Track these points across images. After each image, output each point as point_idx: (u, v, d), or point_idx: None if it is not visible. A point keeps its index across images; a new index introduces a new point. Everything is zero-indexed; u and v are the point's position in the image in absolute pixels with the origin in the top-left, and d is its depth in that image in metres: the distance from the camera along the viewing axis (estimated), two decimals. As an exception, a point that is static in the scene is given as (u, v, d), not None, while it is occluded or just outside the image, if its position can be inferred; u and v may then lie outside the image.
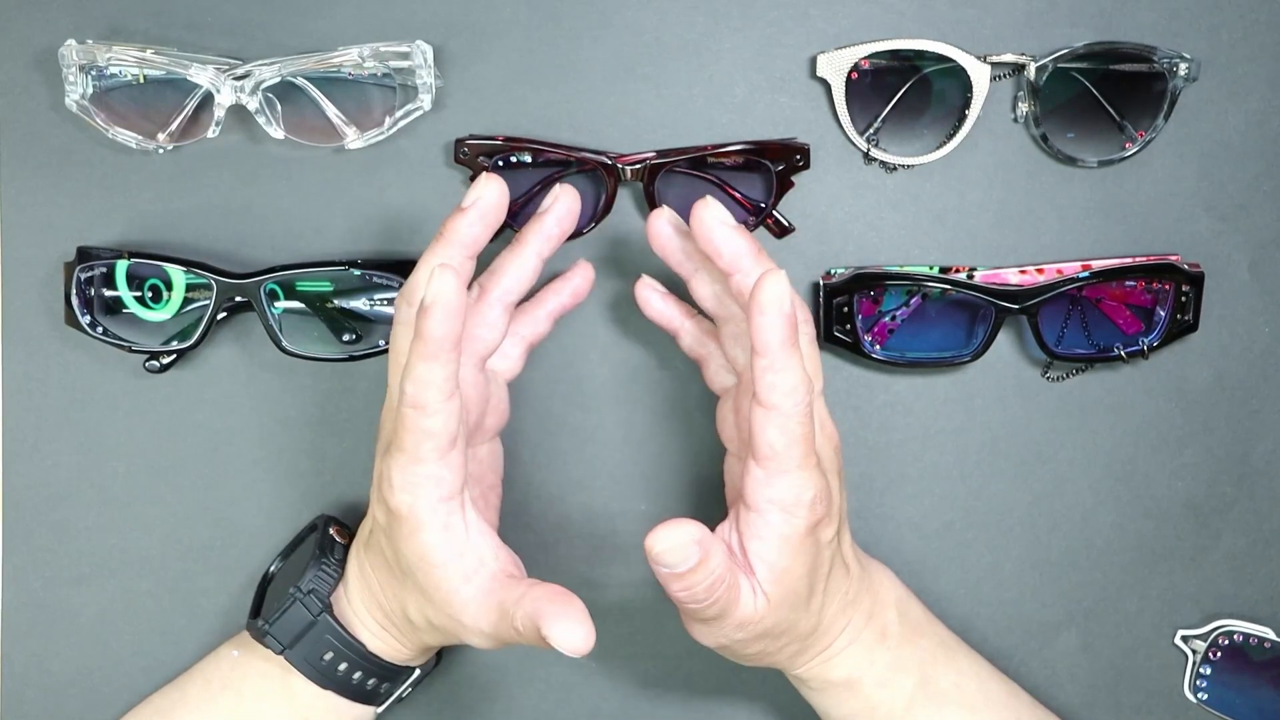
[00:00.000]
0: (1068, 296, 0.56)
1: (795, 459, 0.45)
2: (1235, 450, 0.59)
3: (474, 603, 0.47)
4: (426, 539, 0.46)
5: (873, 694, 0.51)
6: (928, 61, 0.55)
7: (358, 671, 0.52)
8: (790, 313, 0.44)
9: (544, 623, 0.44)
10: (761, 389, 0.44)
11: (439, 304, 0.43)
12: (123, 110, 0.56)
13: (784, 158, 0.55)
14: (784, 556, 0.46)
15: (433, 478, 0.46)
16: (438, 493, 0.46)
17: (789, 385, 0.44)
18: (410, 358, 0.44)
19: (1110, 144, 0.56)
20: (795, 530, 0.46)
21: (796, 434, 0.45)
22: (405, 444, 0.45)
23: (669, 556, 0.44)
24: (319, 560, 0.52)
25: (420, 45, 0.55)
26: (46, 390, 0.59)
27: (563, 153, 0.55)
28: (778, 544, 0.46)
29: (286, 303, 0.56)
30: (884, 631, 0.52)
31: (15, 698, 0.60)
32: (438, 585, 0.47)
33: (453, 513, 0.47)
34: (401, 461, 0.46)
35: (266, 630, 0.51)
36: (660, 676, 0.60)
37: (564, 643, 0.44)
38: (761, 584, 0.46)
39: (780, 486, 0.45)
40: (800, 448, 0.45)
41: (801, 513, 0.46)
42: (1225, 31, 0.57)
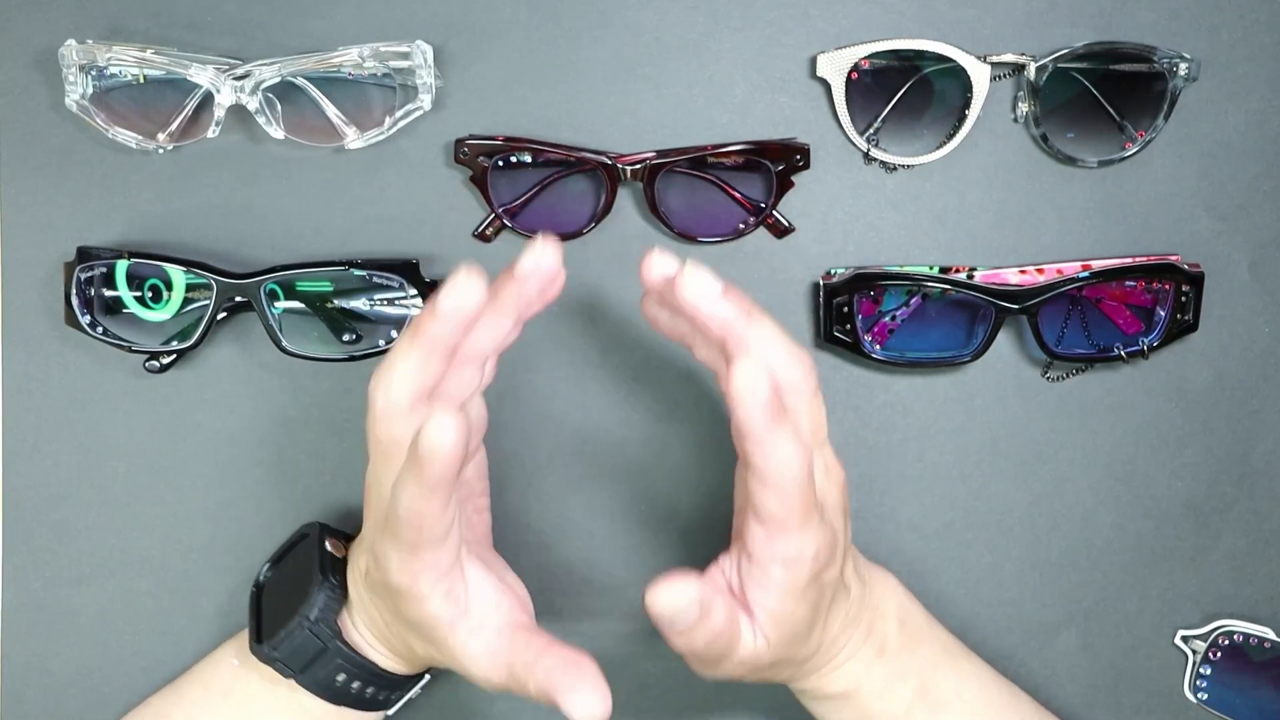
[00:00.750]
0: (1068, 296, 0.56)
1: (795, 522, 0.44)
2: (1235, 450, 0.59)
3: (482, 657, 0.47)
4: (430, 610, 0.46)
5: (870, 704, 0.51)
6: (928, 61, 0.55)
7: (370, 687, 0.52)
8: (768, 398, 0.42)
9: (559, 697, 0.44)
10: (754, 472, 0.44)
11: (438, 457, 0.41)
12: (123, 110, 0.56)
13: (784, 158, 0.55)
14: (786, 605, 0.46)
15: (430, 563, 0.45)
16: (436, 572, 0.45)
17: (780, 460, 0.43)
18: (407, 487, 0.42)
19: (1110, 144, 0.56)
20: (798, 582, 0.45)
21: (794, 501, 0.44)
22: (402, 539, 0.44)
23: (669, 616, 0.43)
24: (323, 585, 0.51)
25: (420, 45, 0.55)
26: (46, 390, 0.59)
27: (563, 153, 0.55)
28: (780, 595, 0.46)
29: (286, 303, 0.56)
30: (883, 645, 0.52)
31: (15, 698, 0.59)
32: (443, 641, 0.47)
33: (455, 581, 0.46)
34: (399, 551, 0.45)
35: (275, 657, 0.50)
36: (660, 677, 0.60)
37: (580, 714, 0.44)
38: (762, 627, 0.46)
39: (782, 545, 0.45)
40: (799, 513, 0.44)
41: (805, 567, 0.45)
42: (1225, 31, 0.57)
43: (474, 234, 0.57)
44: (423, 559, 0.45)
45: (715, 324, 0.44)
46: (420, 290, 0.56)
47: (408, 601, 0.46)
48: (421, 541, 0.44)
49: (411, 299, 0.56)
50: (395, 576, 0.45)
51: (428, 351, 0.45)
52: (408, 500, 0.43)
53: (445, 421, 0.40)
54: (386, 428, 0.46)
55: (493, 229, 0.57)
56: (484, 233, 0.57)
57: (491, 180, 0.56)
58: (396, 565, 0.45)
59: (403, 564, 0.45)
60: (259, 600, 0.54)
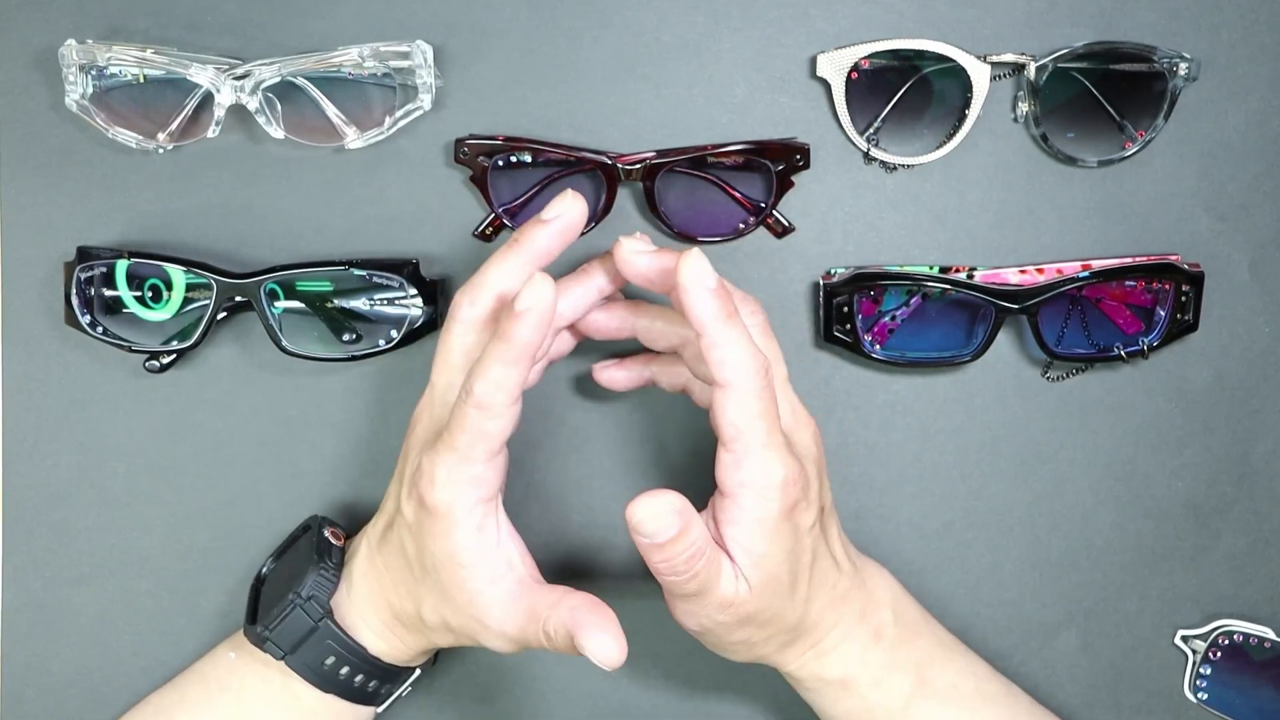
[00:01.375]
0: (1068, 296, 0.56)
1: (759, 436, 0.45)
2: (1235, 450, 0.59)
3: (499, 605, 0.47)
4: (459, 539, 0.47)
5: (868, 693, 0.52)
6: (928, 61, 0.55)
7: (359, 675, 0.52)
8: (716, 288, 0.44)
9: (580, 633, 0.45)
10: (713, 369, 0.45)
11: (534, 311, 0.44)
12: (123, 110, 0.56)
13: (784, 158, 0.55)
14: (759, 540, 0.46)
15: (477, 479, 0.46)
16: (478, 494, 0.47)
17: (737, 359, 0.45)
18: (487, 359, 0.45)
19: (1110, 144, 0.56)
20: (769, 513, 0.46)
21: (755, 409, 0.45)
22: (458, 443, 0.46)
23: (648, 525, 0.44)
24: (317, 565, 0.52)
25: (420, 45, 0.55)
26: (46, 390, 0.59)
27: (563, 153, 0.55)
28: (752, 527, 0.46)
29: (286, 303, 0.56)
30: (878, 631, 0.52)
31: (15, 698, 0.60)
32: (461, 585, 0.47)
33: (488, 515, 0.47)
34: (450, 460, 0.46)
35: (266, 637, 0.51)
36: (660, 676, 0.60)
37: (599, 654, 0.45)
38: (742, 569, 0.47)
39: (749, 468, 0.46)
40: (762, 423, 0.45)
41: (773, 494, 0.46)
42: (1225, 31, 0.57)
43: (474, 234, 0.57)
44: (473, 469, 0.46)
45: (696, 313, 0.45)
46: (420, 290, 0.56)
47: (441, 526, 0.46)
48: (478, 447, 0.46)
49: (411, 299, 0.56)
50: (437, 495, 0.46)
51: (521, 262, 0.48)
52: (486, 371, 0.45)
53: (544, 282, 0.44)
54: (460, 337, 0.49)
55: (493, 229, 0.57)
56: (484, 233, 0.57)
57: (491, 180, 0.56)
58: (442, 480, 0.46)
59: (449, 478, 0.46)
60: (258, 591, 0.55)
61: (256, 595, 0.54)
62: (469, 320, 0.49)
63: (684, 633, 0.50)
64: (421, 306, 0.56)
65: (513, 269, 0.49)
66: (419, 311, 0.56)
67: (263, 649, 0.51)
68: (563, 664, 0.59)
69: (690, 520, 0.45)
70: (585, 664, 0.59)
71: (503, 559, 0.48)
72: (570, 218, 0.48)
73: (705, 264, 0.44)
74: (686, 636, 0.50)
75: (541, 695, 0.60)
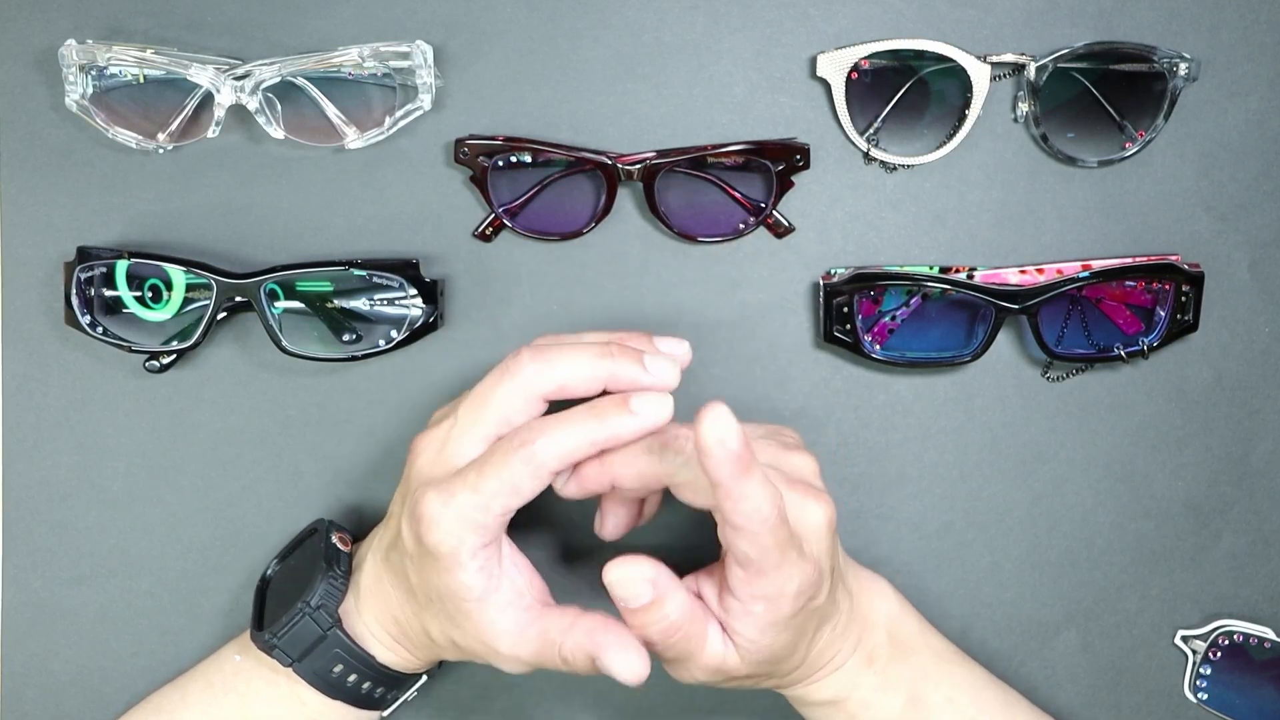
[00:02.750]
0: (1068, 296, 0.56)
1: (773, 562, 0.45)
2: (1235, 450, 0.59)
3: (510, 633, 0.47)
4: (463, 578, 0.46)
5: (858, 713, 0.52)
6: (928, 61, 0.55)
7: (366, 681, 0.52)
8: (737, 450, 0.42)
9: (601, 654, 0.45)
10: (725, 514, 0.44)
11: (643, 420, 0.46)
12: (123, 110, 0.56)
13: (784, 158, 0.55)
14: (767, 636, 0.46)
15: (485, 527, 0.46)
16: (481, 540, 0.46)
17: (750, 509, 0.43)
18: (566, 424, 0.45)
19: (1110, 144, 0.56)
20: (780, 616, 0.46)
21: (767, 544, 0.44)
22: (485, 488, 0.45)
23: (619, 589, 0.44)
24: (326, 574, 0.51)
25: (420, 45, 0.55)
26: (46, 390, 0.59)
27: (563, 153, 0.55)
28: (761, 629, 0.46)
29: (286, 303, 0.56)
30: (871, 655, 0.52)
31: (15, 698, 0.59)
32: (469, 615, 0.47)
33: (491, 554, 0.47)
34: (466, 502, 0.45)
35: (275, 644, 0.51)
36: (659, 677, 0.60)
37: (624, 671, 0.45)
38: (739, 649, 0.47)
39: (762, 586, 0.45)
40: (774, 554, 0.45)
41: (786, 604, 0.46)
42: (1225, 31, 0.57)
43: (474, 234, 0.57)
44: (484, 519, 0.45)
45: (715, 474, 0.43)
46: (420, 290, 0.56)
47: (444, 567, 0.46)
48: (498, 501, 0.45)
49: (411, 299, 0.56)
50: (440, 538, 0.45)
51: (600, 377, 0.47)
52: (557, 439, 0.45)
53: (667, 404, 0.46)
54: (508, 396, 0.47)
55: (493, 229, 0.57)
56: (484, 233, 0.57)
57: (491, 180, 0.56)
58: (448, 524, 0.45)
59: (456, 523, 0.45)
60: (264, 594, 0.54)
61: (262, 598, 0.54)
62: (526, 388, 0.47)
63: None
64: (422, 306, 0.56)
65: (589, 370, 0.47)
66: (419, 312, 0.56)
67: (270, 655, 0.51)
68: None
69: (666, 593, 0.45)
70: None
71: (509, 590, 0.47)
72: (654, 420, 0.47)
73: (730, 423, 0.41)
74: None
75: (541, 695, 0.60)
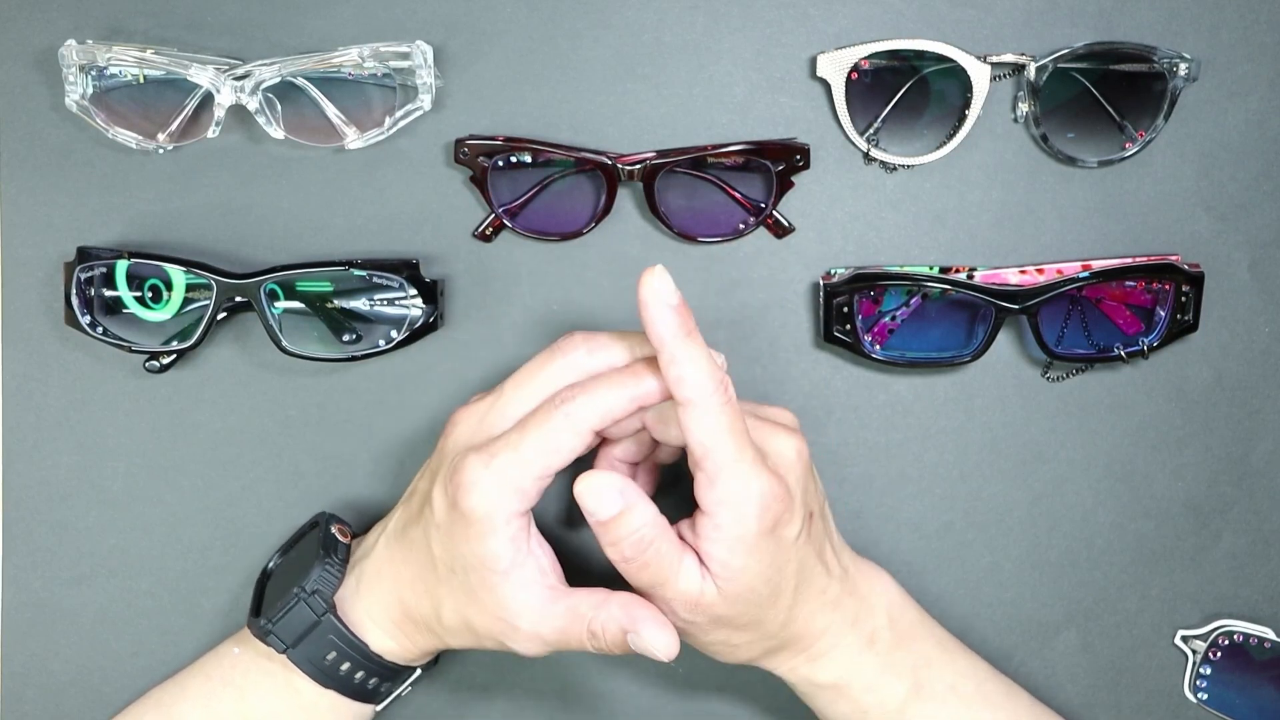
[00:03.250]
0: (1068, 296, 0.56)
1: (729, 452, 0.45)
2: (1235, 450, 0.59)
3: (533, 609, 0.47)
4: (493, 546, 0.47)
5: (862, 697, 0.52)
6: (928, 61, 0.55)
7: (360, 671, 0.52)
8: (677, 304, 0.45)
9: (638, 627, 0.46)
10: (673, 386, 0.45)
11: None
12: (123, 110, 0.56)
13: (784, 158, 0.55)
14: (737, 555, 0.46)
15: (522, 491, 0.46)
16: (517, 506, 0.46)
17: (697, 376, 0.45)
18: (606, 383, 0.47)
19: (1110, 144, 0.56)
20: (747, 530, 0.46)
21: (720, 424, 0.45)
22: (525, 448, 0.46)
23: (588, 499, 0.45)
24: (323, 560, 0.52)
25: (420, 45, 0.55)
26: (46, 390, 0.59)
27: (563, 153, 0.55)
28: (730, 544, 0.46)
29: (286, 303, 0.56)
30: (872, 637, 0.52)
31: (15, 698, 0.60)
32: (493, 589, 0.47)
33: (521, 527, 0.47)
34: (507, 463, 0.46)
35: (270, 630, 0.51)
36: (660, 677, 0.60)
37: (660, 645, 0.46)
38: (715, 577, 0.47)
39: (723, 486, 0.45)
40: (730, 439, 0.45)
41: (750, 511, 0.46)
42: (1225, 31, 0.57)
43: (474, 234, 0.57)
44: (523, 483, 0.46)
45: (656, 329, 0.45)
46: (420, 290, 0.56)
47: (477, 532, 0.46)
48: (540, 462, 0.46)
49: (411, 299, 0.56)
50: (476, 502, 0.46)
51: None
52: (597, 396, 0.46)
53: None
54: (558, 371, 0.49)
55: (493, 229, 0.57)
56: (484, 233, 0.57)
57: (491, 180, 0.56)
58: (485, 488, 0.46)
59: (495, 487, 0.46)
60: (264, 586, 0.55)
61: (262, 590, 0.55)
62: (574, 364, 0.49)
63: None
64: (421, 307, 0.56)
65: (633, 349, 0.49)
66: (419, 312, 0.56)
67: (265, 642, 0.51)
68: (563, 664, 0.59)
69: (634, 503, 0.45)
70: (585, 663, 0.59)
71: (535, 566, 0.48)
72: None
73: (667, 280, 0.45)
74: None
75: (542, 695, 0.60)
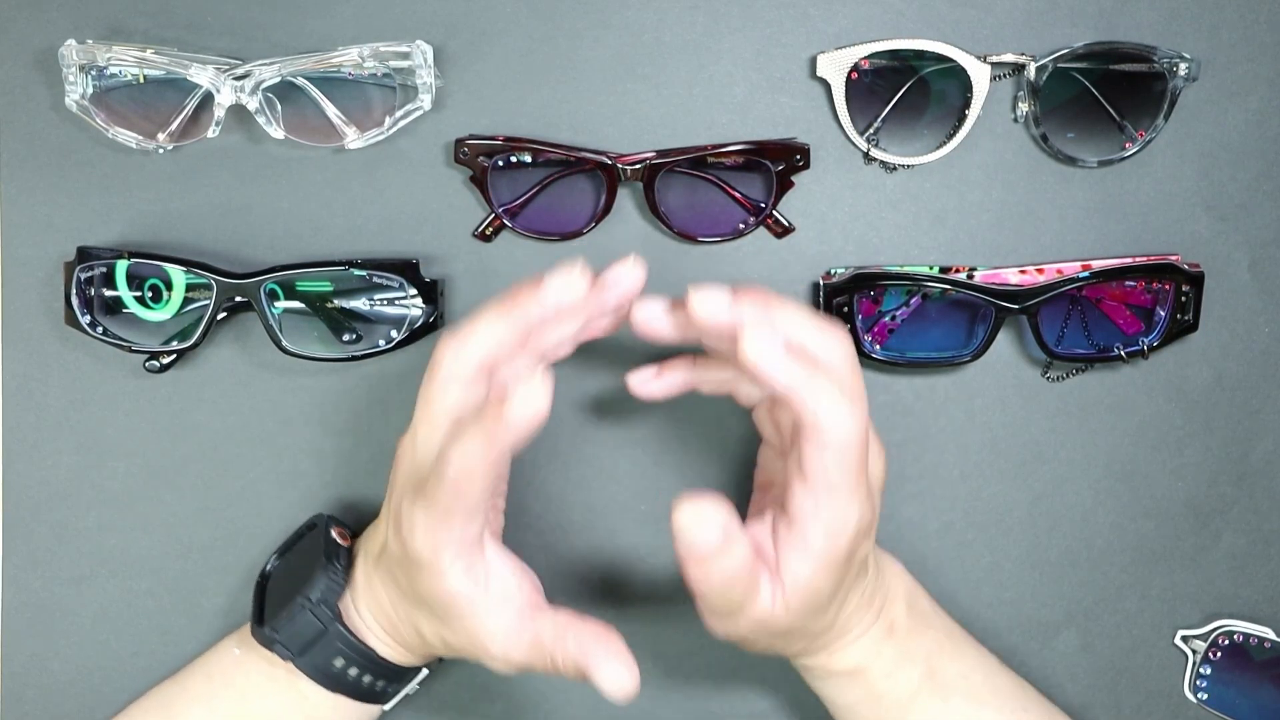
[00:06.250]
0: (1068, 296, 0.56)
1: (849, 485, 0.44)
2: (1235, 450, 0.59)
3: (501, 635, 0.47)
4: (447, 585, 0.46)
5: (878, 683, 0.52)
6: (928, 61, 0.55)
7: (367, 675, 0.52)
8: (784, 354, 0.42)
9: (593, 667, 0.45)
10: (807, 421, 0.43)
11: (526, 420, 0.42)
12: (123, 110, 0.56)
13: (784, 158, 0.55)
14: (818, 575, 0.46)
15: (457, 534, 0.45)
16: (460, 543, 0.45)
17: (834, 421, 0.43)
18: (473, 436, 0.42)
19: (1110, 144, 0.56)
20: (836, 553, 0.45)
21: (851, 459, 0.43)
22: (438, 501, 0.44)
23: (690, 532, 0.43)
24: (326, 568, 0.51)
25: (420, 45, 0.55)
26: (46, 390, 0.59)
27: (563, 152, 0.55)
28: (814, 564, 0.45)
29: (286, 303, 0.56)
30: (892, 625, 0.52)
31: (15, 698, 0.60)
32: (459, 618, 0.47)
33: (475, 556, 0.46)
34: (431, 514, 0.45)
35: (275, 639, 0.51)
36: (660, 676, 0.60)
37: (612, 686, 0.45)
38: (785, 591, 0.46)
39: (829, 511, 0.44)
40: (854, 474, 0.44)
41: (846, 537, 0.45)
42: (1225, 31, 0.57)
43: (474, 234, 0.57)
44: (452, 528, 0.45)
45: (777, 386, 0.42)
46: (420, 290, 0.56)
47: (428, 575, 0.46)
48: (457, 507, 0.44)
49: (411, 299, 0.56)
50: (419, 545, 0.45)
51: (512, 328, 0.45)
52: (464, 458, 0.42)
53: (543, 385, 0.42)
54: (442, 391, 0.46)
55: (493, 229, 0.57)
56: (484, 233, 0.57)
57: (491, 180, 0.56)
58: (422, 533, 0.45)
59: (429, 531, 0.45)
60: (263, 589, 0.54)
61: (262, 593, 0.54)
62: (455, 375, 0.46)
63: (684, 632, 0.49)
64: (421, 306, 0.56)
65: (501, 325, 0.46)
66: (419, 312, 0.56)
67: (271, 649, 0.51)
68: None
69: (733, 539, 0.43)
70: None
71: (497, 594, 0.47)
72: (568, 299, 0.45)
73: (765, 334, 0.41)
74: (687, 636, 0.50)
75: (541, 695, 0.60)
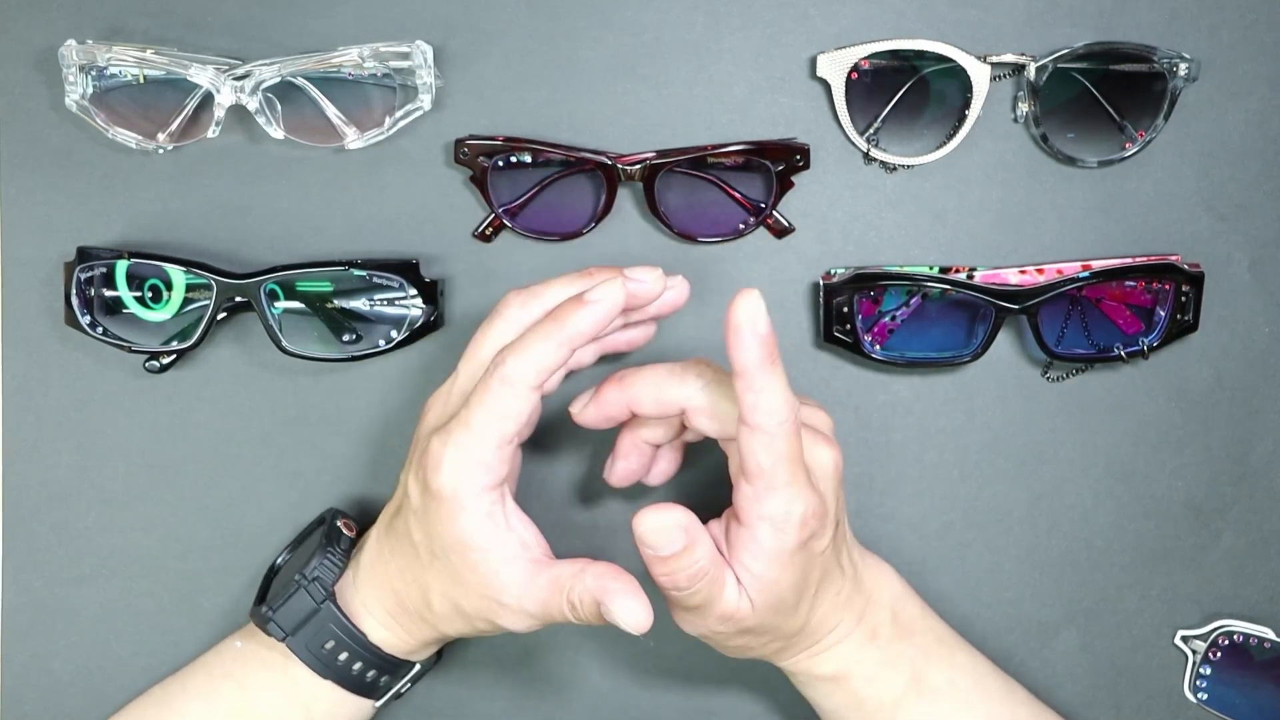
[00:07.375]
0: (1068, 296, 0.56)
1: (783, 476, 0.45)
2: (1235, 450, 0.59)
3: (517, 583, 0.47)
4: (466, 523, 0.47)
5: (860, 689, 0.52)
6: (928, 61, 0.55)
7: (358, 662, 0.52)
8: (766, 334, 0.44)
9: (607, 598, 0.46)
10: (745, 410, 0.45)
11: (604, 305, 0.46)
12: (123, 110, 0.56)
13: (784, 158, 0.55)
14: (773, 569, 0.47)
15: (485, 463, 0.46)
16: (484, 480, 0.47)
17: (770, 405, 0.44)
18: (529, 336, 0.46)
19: (1110, 144, 0.56)
20: (785, 546, 0.46)
21: (782, 452, 0.45)
22: (474, 420, 0.46)
23: (652, 538, 0.45)
24: (325, 549, 0.52)
25: (420, 45, 0.55)
26: (46, 390, 0.59)
27: (563, 153, 0.55)
28: (766, 559, 0.46)
29: (286, 303, 0.56)
30: (874, 631, 0.52)
31: (15, 698, 0.60)
32: (474, 567, 0.47)
33: (494, 502, 0.47)
34: (460, 439, 0.46)
35: (270, 617, 0.51)
36: (659, 676, 0.60)
37: (627, 618, 0.45)
38: (747, 589, 0.47)
39: (770, 504, 0.46)
40: (787, 466, 0.45)
41: (792, 529, 0.46)
42: (1225, 31, 0.57)
43: (474, 234, 0.57)
44: (482, 454, 0.46)
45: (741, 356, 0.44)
46: (420, 290, 0.56)
47: (449, 511, 0.46)
48: (492, 429, 0.46)
49: (411, 299, 0.56)
50: (444, 479, 0.46)
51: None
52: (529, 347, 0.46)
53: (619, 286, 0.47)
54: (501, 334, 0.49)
55: (493, 229, 0.57)
56: (484, 233, 0.57)
57: (491, 180, 0.56)
58: (449, 467, 0.46)
59: (455, 467, 0.46)
60: (270, 579, 0.55)
61: (268, 583, 0.55)
62: (515, 320, 0.49)
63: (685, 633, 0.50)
64: (421, 306, 0.56)
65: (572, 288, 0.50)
66: (419, 312, 0.56)
67: (265, 629, 0.52)
68: (562, 663, 0.59)
69: (696, 538, 0.45)
70: (585, 662, 0.59)
71: (515, 540, 0.48)
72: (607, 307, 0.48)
73: (760, 307, 0.44)
74: (687, 636, 0.50)
75: (541, 695, 0.60)
